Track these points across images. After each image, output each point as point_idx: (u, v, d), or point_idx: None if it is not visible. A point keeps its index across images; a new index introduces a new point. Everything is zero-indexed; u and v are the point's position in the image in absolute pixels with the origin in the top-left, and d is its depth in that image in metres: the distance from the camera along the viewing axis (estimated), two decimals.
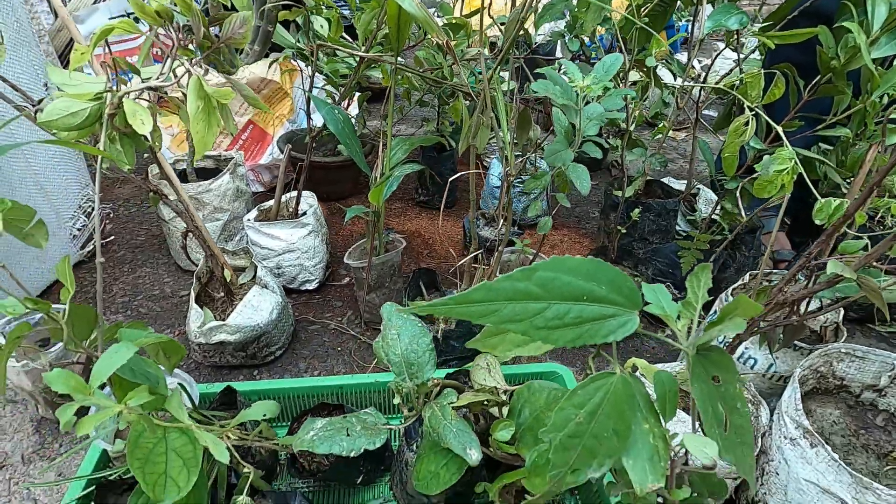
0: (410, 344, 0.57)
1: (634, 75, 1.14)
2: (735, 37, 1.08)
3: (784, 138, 0.85)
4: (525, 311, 0.38)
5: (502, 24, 0.88)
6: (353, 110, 1.82)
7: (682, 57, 3.11)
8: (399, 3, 0.76)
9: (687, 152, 2.33)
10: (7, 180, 1.06)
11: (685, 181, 1.36)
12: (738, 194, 0.96)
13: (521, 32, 1.11)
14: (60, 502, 0.80)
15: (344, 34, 1.50)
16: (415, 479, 0.57)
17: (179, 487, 0.53)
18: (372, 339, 1.12)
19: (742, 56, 1.12)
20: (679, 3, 1.10)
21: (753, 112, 0.92)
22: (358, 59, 1.15)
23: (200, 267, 1.02)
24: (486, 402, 0.60)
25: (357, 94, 1.60)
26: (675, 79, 1.34)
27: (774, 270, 1.06)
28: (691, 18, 1.15)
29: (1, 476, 0.83)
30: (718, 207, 1.15)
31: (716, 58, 1.22)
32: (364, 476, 0.80)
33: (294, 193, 1.26)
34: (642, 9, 0.93)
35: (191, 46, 0.63)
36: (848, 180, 1.05)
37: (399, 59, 0.94)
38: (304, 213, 1.22)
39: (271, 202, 1.24)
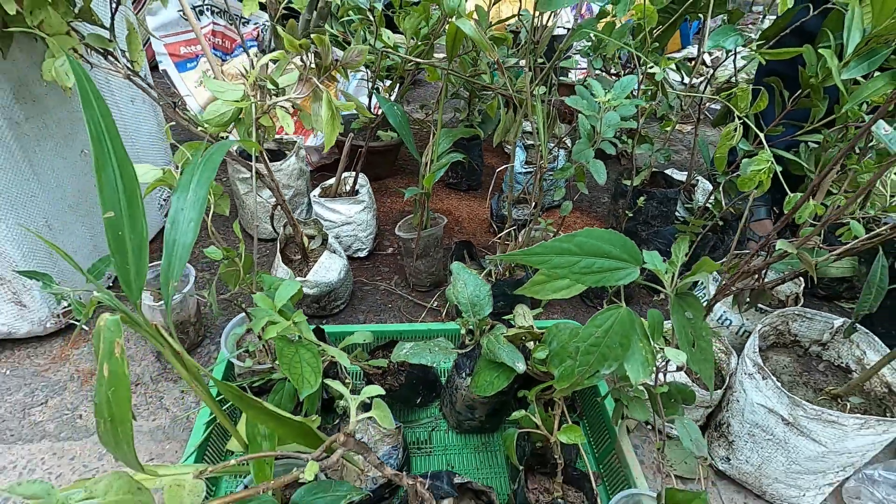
0: (474, 291, 0.80)
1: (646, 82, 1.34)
2: (734, 53, 1.27)
3: (765, 143, 1.06)
4: (567, 261, 0.59)
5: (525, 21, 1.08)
6: (391, 97, 2.02)
7: (694, 49, 3.26)
8: (459, 26, 0.97)
9: (691, 144, 2.52)
10: None
11: (687, 172, 1.56)
12: (721, 189, 1.17)
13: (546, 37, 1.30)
14: (188, 408, 1.04)
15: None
16: (474, 387, 0.79)
17: (311, 384, 0.76)
18: (418, 299, 1.34)
19: (739, 67, 1.32)
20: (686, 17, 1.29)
21: (741, 120, 1.12)
22: (407, 51, 1.35)
23: (280, 234, 1.24)
24: (524, 336, 0.82)
25: (398, 86, 1.79)
26: (682, 78, 1.54)
27: (749, 251, 1.27)
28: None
29: (138, 391, 1.07)
30: (712, 198, 1.35)
31: (726, 59, 1.39)
32: (421, 398, 1.03)
33: (348, 174, 1.47)
34: (654, 31, 1.12)
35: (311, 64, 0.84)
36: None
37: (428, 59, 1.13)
38: (358, 192, 1.43)
39: (331, 181, 1.45)
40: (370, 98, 1.45)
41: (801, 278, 1.17)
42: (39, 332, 1.13)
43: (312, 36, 0.75)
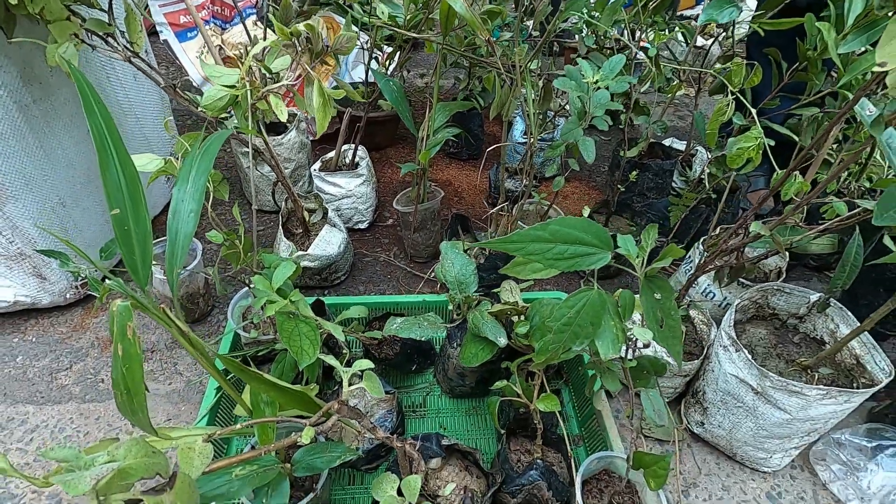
0: (461, 269, 0.84)
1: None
2: (731, 26, 1.26)
3: (756, 120, 1.07)
4: (541, 248, 0.63)
5: None
6: (392, 66, 2.01)
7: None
8: (451, 4, 0.97)
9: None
10: (124, 135, 1.32)
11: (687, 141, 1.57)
12: (706, 165, 1.19)
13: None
14: (200, 374, 1.12)
15: None
16: (460, 358, 0.85)
17: (309, 356, 0.82)
18: (416, 270, 1.40)
19: (738, 38, 1.30)
20: None
21: (734, 96, 1.13)
22: (405, 18, 1.35)
23: (282, 208, 1.28)
24: (509, 312, 0.87)
25: (398, 55, 1.78)
26: (686, 42, 1.52)
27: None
28: None
29: (154, 358, 1.15)
30: (707, 170, 1.37)
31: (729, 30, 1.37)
32: (416, 366, 1.10)
33: (347, 146, 1.50)
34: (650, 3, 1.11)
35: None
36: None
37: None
38: (358, 165, 1.47)
39: (330, 154, 1.48)
40: (367, 70, 1.46)
41: (787, 252, 1.20)
42: (61, 302, 1.20)
43: (303, 24, 0.77)
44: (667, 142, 1.83)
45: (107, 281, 0.57)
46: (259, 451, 0.63)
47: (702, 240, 1.20)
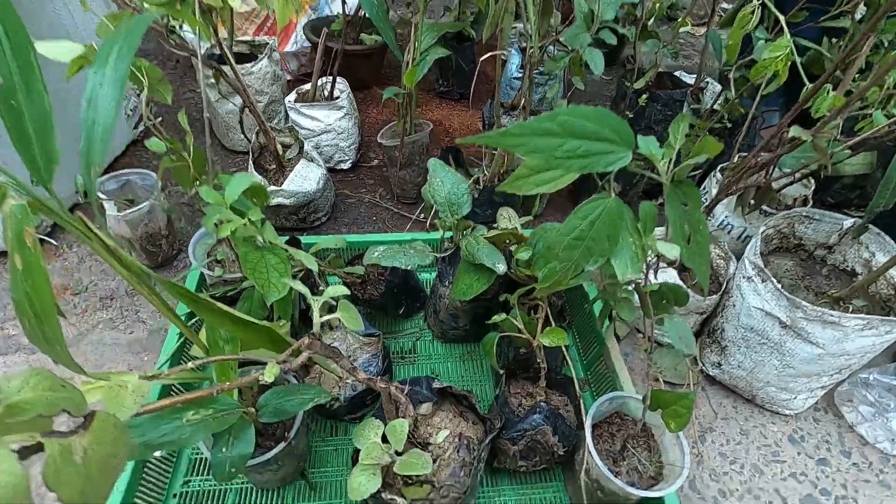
0: (452, 188, 0.73)
1: None
2: None
3: (786, 29, 0.94)
4: (548, 144, 0.52)
5: None
6: None
7: None
8: None
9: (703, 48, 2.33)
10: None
11: (696, 75, 1.44)
12: (731, 81, 1.06)
13: None
14: (165, 321, 1.01)
15: None
16: (453, 292, 0.75)
17: (279, 290, 0.71)
18: (403, 211, 1.28)
19: None
20: None
21: (760, 1, 0.99)
22: None
23: (253, 142, 1.15)
24: (508, 239, 0.76)
25: None
26: None
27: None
28: None
29: (113, 305, 1.04)
30: (720, 99, 1.24)
31: None
32: (405, 309, 1.00)
33: (326, 79, 1.36)
34: None
35: None
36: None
37: None
38: (338, 97, 1.33)
39: (307, 86, 1.34)
40: None
41: (812, 179, 1.09)
42: (6, 248, 1.08)
43: None
44: (675, 73, 1.69)
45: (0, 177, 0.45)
46: (212, 390, 0.53)
47: (719, 167, 1.09)
